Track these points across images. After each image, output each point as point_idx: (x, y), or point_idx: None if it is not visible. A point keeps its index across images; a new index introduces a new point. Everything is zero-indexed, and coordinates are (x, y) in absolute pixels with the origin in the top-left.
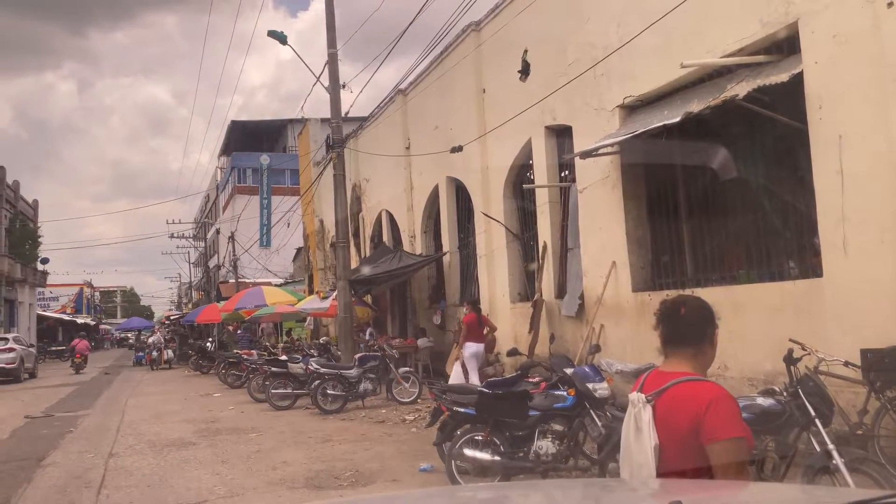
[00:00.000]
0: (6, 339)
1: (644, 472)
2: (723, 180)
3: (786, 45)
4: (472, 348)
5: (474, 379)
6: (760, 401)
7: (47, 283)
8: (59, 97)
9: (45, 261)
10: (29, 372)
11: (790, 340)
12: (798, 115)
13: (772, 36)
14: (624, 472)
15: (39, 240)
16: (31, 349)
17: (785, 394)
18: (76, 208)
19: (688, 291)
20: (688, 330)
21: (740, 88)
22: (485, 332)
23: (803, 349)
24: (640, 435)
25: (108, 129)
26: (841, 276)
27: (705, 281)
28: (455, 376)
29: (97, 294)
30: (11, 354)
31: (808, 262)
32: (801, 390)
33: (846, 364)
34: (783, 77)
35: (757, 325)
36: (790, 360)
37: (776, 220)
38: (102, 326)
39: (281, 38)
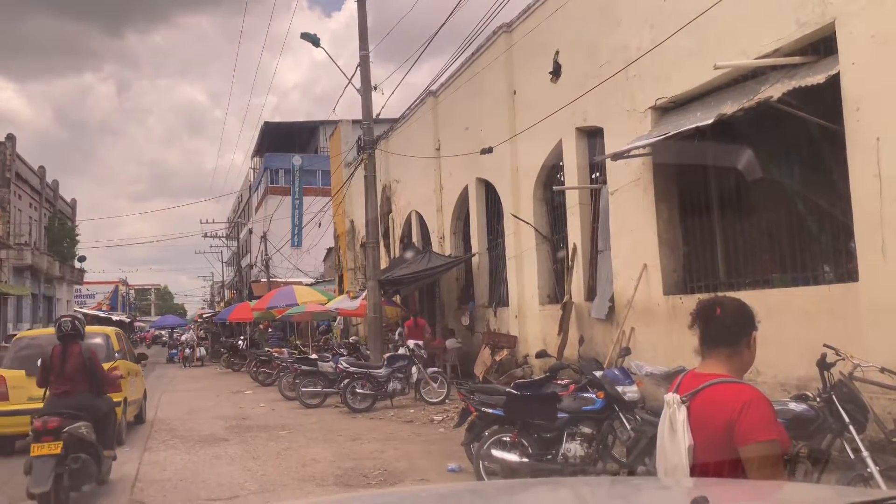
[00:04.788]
0: None
1: (678, 472)
2: (750, 181)
3: (822, 46)
4: (412, 343)
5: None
6: (793, 406)
7: (84, 280)
8: (98, 98)
9: (82, 259)
10: None
11: (824, 345)
12: (831, 117)
13: (808, 37)
14: (660, 473)
15: (77, 238)
16: None
17: (818, 399)
18: (113, 207)
19: (720, 295)
20: (723, 331)
21: (775, 90)
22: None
23: (837, 354)
24: (674, 436)
25: (145, 129)
26: (878, 280)
27: (738, 284)
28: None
29: (132, 292)
30: None
31: (843, 267)
32: (835, 396)
33: (882, 370)
34: (819, 78)
35: (790, 330)
36: (824, 365)
37: (811, 223)
38: (137, 324)
39: (314, 41)
